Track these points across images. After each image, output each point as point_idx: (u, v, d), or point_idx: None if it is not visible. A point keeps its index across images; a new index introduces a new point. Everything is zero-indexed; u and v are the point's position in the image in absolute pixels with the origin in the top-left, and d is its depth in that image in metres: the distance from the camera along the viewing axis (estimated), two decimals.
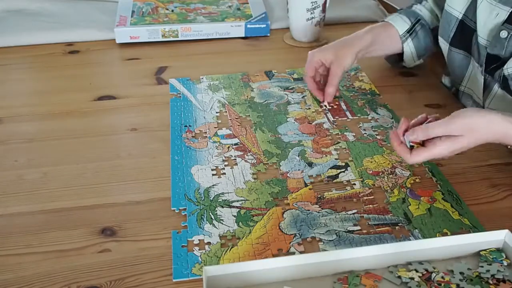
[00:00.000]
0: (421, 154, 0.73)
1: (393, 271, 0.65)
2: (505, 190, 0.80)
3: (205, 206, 0.77)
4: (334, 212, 0.75)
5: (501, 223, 0.74)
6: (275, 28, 1.34)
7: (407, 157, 0.74)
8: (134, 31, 1.25)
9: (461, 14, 0.93)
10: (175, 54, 1.23)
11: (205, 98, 1.04)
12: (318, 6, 1.21)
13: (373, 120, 0.96)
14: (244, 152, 0.88)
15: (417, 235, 0.71)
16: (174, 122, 0.96)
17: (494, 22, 0.85)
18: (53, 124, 0.97)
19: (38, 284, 0.65)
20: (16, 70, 1.17)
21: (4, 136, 0.93)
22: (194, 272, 0.66)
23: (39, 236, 0.72)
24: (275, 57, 1.22)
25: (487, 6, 0.86)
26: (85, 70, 1.17)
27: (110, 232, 0.73)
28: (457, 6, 0.94)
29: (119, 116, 0.99)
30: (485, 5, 0.86)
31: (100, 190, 0.80)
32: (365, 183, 0.81)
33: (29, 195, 0.80)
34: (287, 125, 0.96)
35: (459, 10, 0.93)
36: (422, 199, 0.78)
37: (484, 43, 0.87)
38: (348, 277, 0.64)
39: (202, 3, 1.41)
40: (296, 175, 0.83)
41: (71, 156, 0.88)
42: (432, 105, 1.02)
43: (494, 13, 0.85)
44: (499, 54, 0.85)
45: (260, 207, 0.77)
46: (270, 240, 0.71)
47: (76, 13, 1.37)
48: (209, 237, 0.71)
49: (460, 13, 0.93)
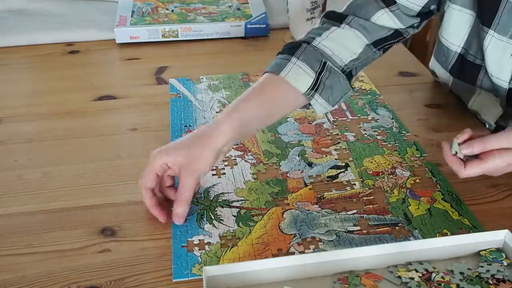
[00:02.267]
0: (476, 167, 0.69)
1: (393, 271, 0.65)
2: (505, 190, 0.80)
3: (205, 206, 0.77)
4: (334, 212, 0.75)
5: (501, 223, 0.74)
6: (275, 28, 1.34)
7: (461, 171, 0.69)
8: (134, 31, 1.26)
9: (459, 48, 0.88)
10: (175, 54, 1.23)
11: (205, 98, 1.04)
12: (318, 6, 1.21)
13: (373, 120, 0.96)
14: (244, 152, 0.88)
15: (417, 236, 0.71)
16: (174, 122, 0.96)
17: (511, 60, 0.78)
18: (53, 124, 0.97)
19: (38, 284, 0.65)
20: (16, 70, 1.17)
21: (4, 136, 0.93)
22: (194, 272, 0.66)
23: (39, 236, 0.72)
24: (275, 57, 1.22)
25: (497, 45, 0.79)
26: (85, 70, 1.17)
27: (110, 232, 0.73)
28: (453, 39, 0.88)
29: (119, 116, 0.99)
30: (494, 44, 0.79)
31: (100, 190, 0.80)
32: (365, 183, 0.81)
33: (29, 195, 0.80)
34: (287, 125, 0.96)
35: (456, 44, 0.88)
36: (422, 199, 0.78)
37: (503, 83, 0.81)
38: (348, 277, 0.64)
39: (202, 3, 1.41)
40: (296, 175, 0.83)
41: (71, 156, 0.88)
42: (432, 105, 1.02)
43: (508, 52, 0.78)
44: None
45: (260, 207, 0.77)
46: (270, 240, 0.71)
47: (76, 13, 1.37)
48: (209, 237, 0.71)
49: (459, 47, 0.88)
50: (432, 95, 1.05)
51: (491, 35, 0.80)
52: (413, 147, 0.89)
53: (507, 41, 0.78)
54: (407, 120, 0.96)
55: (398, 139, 0.91)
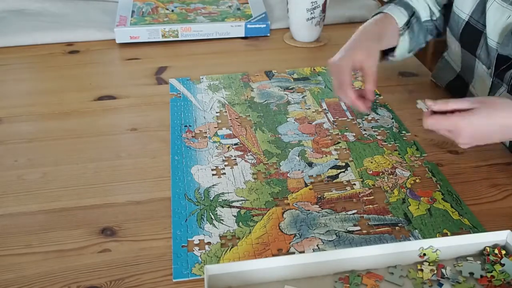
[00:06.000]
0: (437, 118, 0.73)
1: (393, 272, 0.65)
2: (505, 190, 0.80)
3: (205, 206, 0.77)
4: (334, 212, 0.75)
5: (501, 223, 0.74)
6: (275, 28, 1.34)
7: (424, 119, 0.74)
8: (134, 31, 1.25)
9: (467, 16, 0.93)
10: (175, 54, 1.23)
11: (205, 98, 1.04)
12: (318, 6, 1.21)
13: (373, 120, 0.96)
14: (244, 152, 0.88)
15: (417, 236, 0.71)
16: (174, 122, 0.96)
17: (506, 23, 0.84)
18: (53, 124, 0.97)
19: (38, 284, 0.65)
20: (16, 70, 1.17)
21: (4, 136, 0.93)
22: (194, 272, 0.66)
23: (39, 236, 0.72)
24: (275, 57, 1.22)
25: (498, 8, 0.85)
26: (85, 70, 1.17)
27: (110, 232, 0.73)
28: (464, 8, 0.93)
29: (119, 116, 0.99)
30: (495, 7, 0.85)
31: (100, 190, 0.80)
32: (365, 183, 0.81)
33: (29, 195, 0.80)
34: (287, 125, 0.96)
35: (466, 12, 0.93)
36: (422, 199, 0.78)
37: (495, 45, 0.87)
38: (349, 277, 0.64)
39: (202, 3, 1.41)
40: (296, 175, 0.83)
41: (71, 156, 0.88)
42: None
43: (506, 15, 0.84)
44: (510, 54, 0.84)
45: (260, 207, 0.77)
46: (270, 240, 0.71)
47: (76, 13, 1.37)
48: (209, 237, 0.71)
49: (467, 15, 0.93)
50: (432, 95, 1.05)
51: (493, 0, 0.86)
52: (413, 147, 0.89)
53: (507, 7, 0.83)
54: (407, 120, 0.96)
55: (398, 139, 0.91)
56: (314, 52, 1.24)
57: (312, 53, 1.24)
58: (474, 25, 0.91)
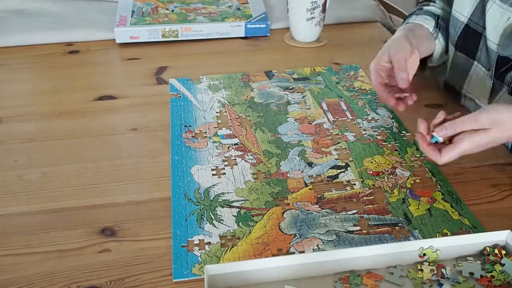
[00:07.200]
0: (450, 153, 0.73)
1: (393, 272, 0.65)
2: (505, 190, 0.80)
3: (205, 206, 0.77)
4: (334, 212, 0.75)
5: (501, 223, 0.74)
6: (275, 28, 1.34)
7: (437, 158, 0.74)
8: (134, 31, 1.26)
9: (466, 18, 0.93)
10: (175, 54, 1.23)
11: (205, 98, 1.04)
12: (318, 6, 1.21)
13: (373, 120, 0.96)
14: (244, 152, 0.88)
15: (417, 236, 0.71)
16: (174, 122, 0.96)
17: (506, 25, 0.84)
18: (53, 124, 0.97)
19: (38, 284, 0.65)
20: (16, 70, 1.17)
21: (4, 136, 0.93)
22: (194, 272, 0.66)
23: (39, 236, 0.72)
24: (275, 57, 1.22)
25: (497, 10, 0.85)
26: (85, 70, 1.17)
27: (110, 232, 0.73)
28: (463, 11, 0.93)
29: (119, 116, 0.99)
30: (495, 9, 0.86)
31: (100, 190, 0.80)
32: (365, 183, 0.81)
33: (29, 195, 0.80)
34: (287, 125, 0.96)
35: (464, 14, 0.93)
36: (422, 199, 0.78)
37: (495, 46, 0.87)
38: (349, 277, 0.64)
39: (202, 3, 1.41)
40: (296, 175, 0.83)
41: (71, 156, 0.88)
42: (432, 105, 1.02)
43: (506, 17, 0.84)
44: (511, 55, 0.84)
45: (260, 207, 0.77)
46: (270, 240, 0.71)
47: (76, 13, 1.37)
48: (209, 237, 0.71)
49: (466, 17, 0.93)
50: (432, 95, 1.05)
51: (493, 1, 0.86)
52: (413, 147, 0.89)
53: (507, 8, 0.84)
54: (407, 120, 0.96)
55: (398, 139, 0.91)
56: (314, 52, 1.25)
57: (312, 53, 1.24)
58: (474, 28, 0.91)
